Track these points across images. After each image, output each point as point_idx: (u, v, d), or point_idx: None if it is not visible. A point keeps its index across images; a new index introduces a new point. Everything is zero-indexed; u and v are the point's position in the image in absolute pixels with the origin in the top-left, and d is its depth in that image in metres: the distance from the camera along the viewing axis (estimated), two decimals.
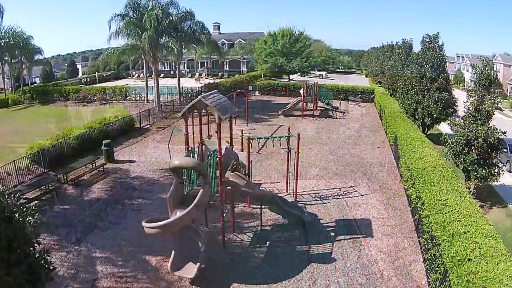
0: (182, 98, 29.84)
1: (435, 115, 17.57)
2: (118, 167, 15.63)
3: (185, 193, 8.66)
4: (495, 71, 13.70)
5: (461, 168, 11.59)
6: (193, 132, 10.50)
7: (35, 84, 51.25)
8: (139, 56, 30.94)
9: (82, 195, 12.81)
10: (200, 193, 7.76)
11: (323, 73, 58.77)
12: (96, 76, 56.96)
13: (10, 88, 43.56)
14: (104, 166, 15.30)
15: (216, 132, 8.55)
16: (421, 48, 18.22)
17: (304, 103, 25.47)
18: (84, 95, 34.62)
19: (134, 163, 16.14)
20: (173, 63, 58.35)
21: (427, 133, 19.70)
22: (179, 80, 29.47)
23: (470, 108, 11.48)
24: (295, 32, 35.44)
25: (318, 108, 27.57)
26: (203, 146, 9.69)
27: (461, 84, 54.99)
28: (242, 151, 12.29)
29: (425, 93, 17.61)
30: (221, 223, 9.26)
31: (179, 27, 25.99)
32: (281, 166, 14.92)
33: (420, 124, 18.81)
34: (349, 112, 27.27)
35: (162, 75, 55.34)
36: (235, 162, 10.08)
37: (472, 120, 11.30)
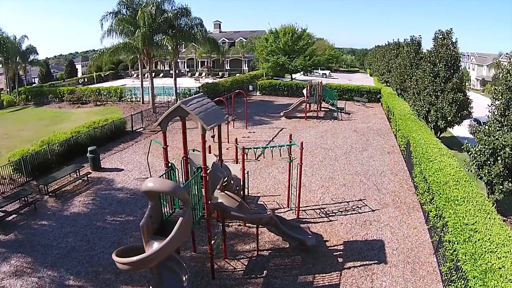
0: (179, 98, 28.56)
1: (450, 118, 16.12)
2: (103, 176, 14.40)
3: (164, 218, 7.36)
4: None
5: (484, 180, 10.20)
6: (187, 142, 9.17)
7: (33, 85, 50.37)
8: (135, 55, 29.68)
9: (63, 209, 11.61)
10: (179, 224, 6.43)
11: (327, 72, 57.22)
12: (94, 76, 55.93)
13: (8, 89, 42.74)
14: (88, 176, 14.09)
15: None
16: (434, 45, 16.75)
17: (308, 104, 24.10)
18: (79, 96, 33.51)
19: (121, 171, 14.88)
20: (172, 62, 57.17)
21: (440, 137, 18.26)
22: (175, 80, 28.21)
23: (496, 113, 10.05)
24: (298, 30, 33.94)
25: (322, 109, 26.20)
26: (188, 160, 8.37)
27: (466, 84, 53.13)
28: (237, 162, 10.96)
29: (439, 94, 16.16)
30: (209, 252, 7.97)
31: (174, 24, 24.68)
32: (283, 175, 13.62)
33: (432, 127, 17.38)
34: (355, 113, 25.85)
35: (161, 74, 54.23)
36: (225, 179, 8.75)
37: (498, 126, 9.89)
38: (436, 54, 16.26)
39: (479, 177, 10.30)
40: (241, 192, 10.11)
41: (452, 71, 16.17)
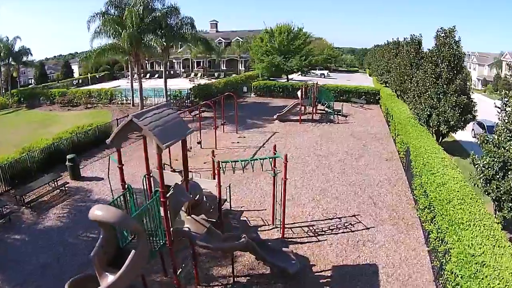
0: (169, 101, 27.49)
1: (453, 123, 14.96)
2: (82, 186, 13.44)
3: (121, 246, 6.27)
4: None
5: (492, 196, 9.05)
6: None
7: (26, 87, 49.50)
8: (124, 56, 28.68)
9: (38, 222, 10.82)
10: (130, 258, 5.35)
11: (325, 72, 56.01)
12: (89, 77, 55.00)
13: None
14: (66, 186, 13.12)
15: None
16: (435, 44, 15.57)
17: (302, 107, 22.98)
18: (70, 99, 32.57)
19: (101, 181, 13.89)
20: (168, 63, 56.07)
21: (441, 141, 17.11)
22: (165, 82, 27.12)
23: (506, 120, 8.90)
24: (294, 29, 32.73)
25: (318, 111, 25.05)
26: (152, 179, 7.28)
27: (469, 85, 51.82)
28: (215, 178, 9.86)
29: (441, 97, 15.00)
30: (175, 283, 6.88)
31: (162, 24, 23.63)
32: (271, 187, 12.50)
33: (433, 132, 16.21)
34: (352, 116, 24.69)
35: (156, 75, 53.18)
36: (197, 198, 7.66)
37: (509, 136, 8.74)
38: (438, 54, 15.08)
39: (486, 193, 9.15)
40: (218, 211, 9.04)
41: (455, 71, 15.01)
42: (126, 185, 6.74)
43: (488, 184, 8.96)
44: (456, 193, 8.57)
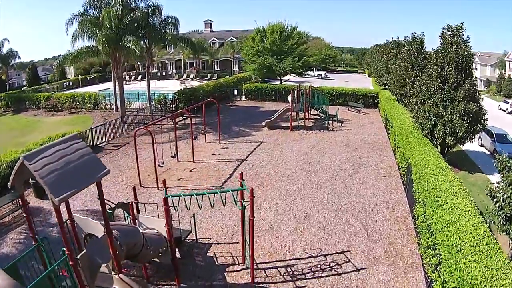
0: (154, 106, 25.67)
1: (461, 134, 13.04)
2: (43, 206, 11.75)
3: None
4: None
5: (511, 236, 7.18)
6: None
7: (17, 90, 47.96)
8: (100, 59, 26.91)
9: None
10: None
11: (322, 72, 54.05)
12: (79, 79, 53.34)
13: None
14: (27, 206, 11.37)
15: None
16: (441, 44, 13.65)
17: (295, 112, 21.08)
18: (54, 103, 30.90)
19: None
20: (159, 64, 54.30)
21: (446, 153, 15.21)
22: (148, 85, 25.31)
23: None
24: (287, 28, 30.78)
25: (312, 116, 23.18)
26: (75, 225, 5.47)
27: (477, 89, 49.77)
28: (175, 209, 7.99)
29: (448, 104, 13.08)
30: None
31: (142, 24, 21.84)
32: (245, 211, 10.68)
33: (437, 143, 14.32)
34: (348, 122, 22.79)
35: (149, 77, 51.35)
36: (135, 245, 5.81)
37: None
38: (444, 55, 13.14)
39: (505, 232, 7.27)
40: (171, 254, 7.20)
41: (463, 75, 13.08)
42: (39, 239, 4.91)
43: (508, 223, 7.06)
44: (468, 236, 6.69)
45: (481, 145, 19.50)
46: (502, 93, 44.41)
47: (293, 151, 16.51)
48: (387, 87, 29.19)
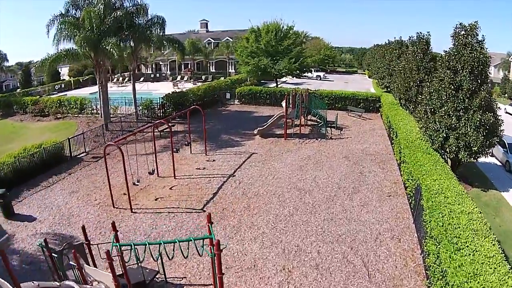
0: (140, 111, 24.03)
1: (476, 148, 11.38)
2: (8, 228, 10.36)
3: None
4: None
5: None
6: None
7: (5, 94, 46.39)
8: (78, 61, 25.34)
9: None
10: None
11: (321, 74, 52.31)
12: (72, 82, 51.75)
13: None
14: None
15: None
16: (454, 45, 11.96)
17: (289, 120, 19.42)
18: (41, 108, 29.38)
19: (32, 222, 10.74)
20: (154, 65, 52.65)
21: (457, 168, 13.54)
22: (134, 90, 23.61)
23: None
24: (283, 27, 29.05)
25: (308, 122, 21.54)
26: None
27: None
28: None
29: (462, 114, 11.41)
30: None
31: (123, 26, 20.19)
32: (228, 245, 9.04)
33: (447, 157, 12.65)
34: (348, 128, 21.12)
35: (142, 78, 49.71)
36: None
37: None
38: (458, 58, 11.45)
39: None
40: None
41: (479, 81, 11.40)
42: None
43: None
44: (487, 283, 5.07)
45: (492, 155, 17.80)
46: (506, 95, 42.74)
47: (286, 165, 14.84)
48: (388, 89, 27.53)
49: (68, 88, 49.70)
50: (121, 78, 50.27)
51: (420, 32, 18.58)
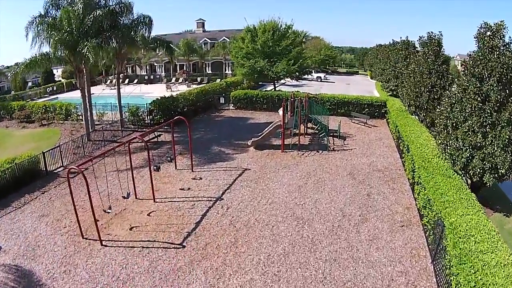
0: (126, 118, 22.30)
1: (503, 171, 9.59)
2: None
3: None
4: None
5: None
6: None
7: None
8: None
9: None
10: None
11: (322, 75, 50.42)
12: (64, 84, 50.07)
13: None
14: None
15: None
16: (479, 48, 10.16)
17: (288, 130, 17.62)
18: (27, 114, 27.75)
19: None
20: (148, 66, 50.87)
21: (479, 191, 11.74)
22: (119, 94, 21.86)
23: None
24: (281, 26, 27.18)
25: (308, 131, 19.76)
26: None
27: None
28: None
29: (488, 131, 9.62)
30: None
31: (105, 26, 18.44)
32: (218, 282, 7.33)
33: (468, 178, 10.87)
34: (352, 138, 19.32)
35: (135, 80, 47.97)
36: None
37: None
38: (484, 63, 9.65)
39: None
40: None
41: (508, 90, 9.61)
42: None
43: None
44: None
45: None
46: None
47: (282, 185, 13.06)
48: (394, 92, 25.71)
49: (61, 90, 48.03)
50: (114, 80, 48.55)
51: (432, 32, 16.77)
